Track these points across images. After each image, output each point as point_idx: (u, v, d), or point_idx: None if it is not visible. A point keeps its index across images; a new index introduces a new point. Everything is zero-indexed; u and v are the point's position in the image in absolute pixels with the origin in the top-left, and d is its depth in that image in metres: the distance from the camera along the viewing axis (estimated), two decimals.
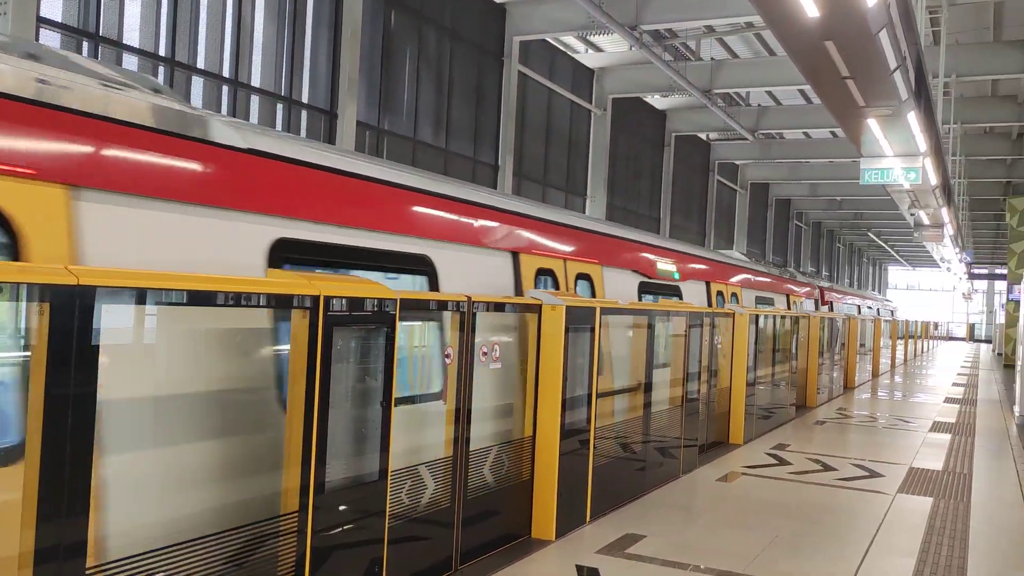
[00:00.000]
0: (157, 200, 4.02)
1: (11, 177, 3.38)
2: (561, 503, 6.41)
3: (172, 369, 3.84)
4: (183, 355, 3.89)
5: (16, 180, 3.40)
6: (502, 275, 6.90)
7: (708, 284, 13.19)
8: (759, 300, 15.96)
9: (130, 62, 10.78)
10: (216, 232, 4.29)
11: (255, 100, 12.69)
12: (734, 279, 14.54)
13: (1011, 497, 8.73)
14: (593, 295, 8.62)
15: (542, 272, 7.60)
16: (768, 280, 17.54)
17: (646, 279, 10.18)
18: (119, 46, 10.58)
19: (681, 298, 11.42)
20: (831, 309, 23.26)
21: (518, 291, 6.92)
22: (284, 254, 4.65)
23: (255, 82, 12.66)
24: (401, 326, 4.69)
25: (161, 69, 11.15)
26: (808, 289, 21.53)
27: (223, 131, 4.56)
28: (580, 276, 8.45)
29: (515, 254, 7.14)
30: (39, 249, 3.42)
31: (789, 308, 18.01)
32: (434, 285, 6.00)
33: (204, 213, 4.25)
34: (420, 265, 5.84)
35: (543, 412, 6.42)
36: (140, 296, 3.44)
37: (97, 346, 3.09)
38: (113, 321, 3.36)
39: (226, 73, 12.08)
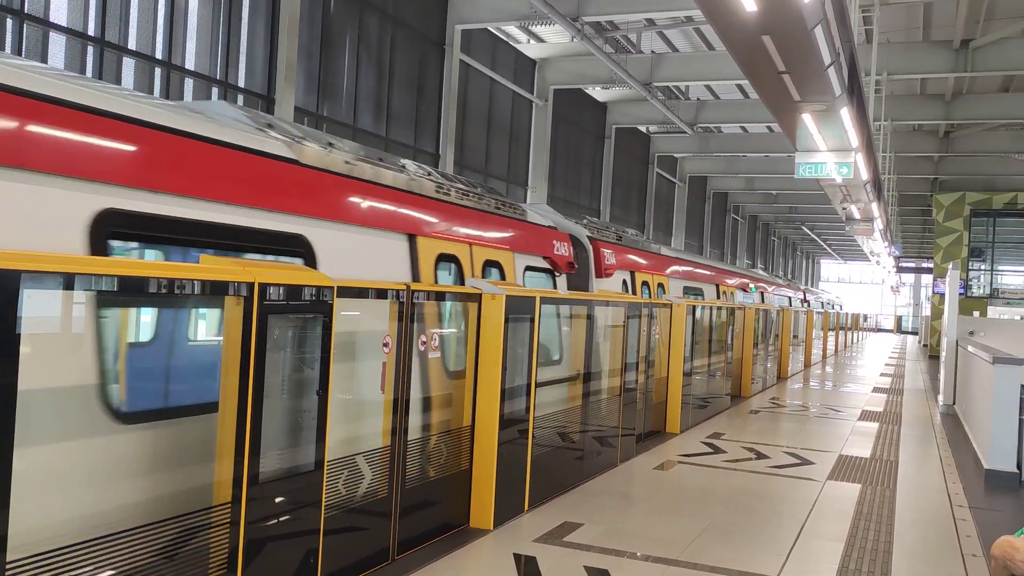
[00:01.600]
0: None
1: None
2: (499, 492, 6.41)
3: (99, 357, 3.72)
4: (108, 342, 3.78)
5: None
6: (396, 260, 6.19)
7: (632, 274, 12.70)
8: (689, 292, 15.43)
9: (57, 41, 10.41)
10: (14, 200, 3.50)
11: (189, 83, 12.38)
12: (665, 269, 14.52)
13: (934, 483, 9.03)
14: None
15: (444, 258, 6.85)
16: (704, 272, 17.61)
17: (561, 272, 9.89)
18: (45, 25, 10.21)
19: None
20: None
21: (415, 278, 6.30)
22: (113, 229, 3.89)
23: (189, 65, 12.35)
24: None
25: (90, 50, 10.79)
26: (740, 280, 21.40)
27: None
28: (488, 263, 7.59)
29: (412, 237, 6.39)
30: None
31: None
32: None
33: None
34: (293, 246, 5.06)
35: (482, 401, 6.41)
36: (68, 282, 3.32)
37: (19, 334, 2.98)
38: (37, 308, 3.25)
39: (159, 55, 11.75)
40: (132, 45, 11.38)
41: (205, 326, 4.30)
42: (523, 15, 17.16)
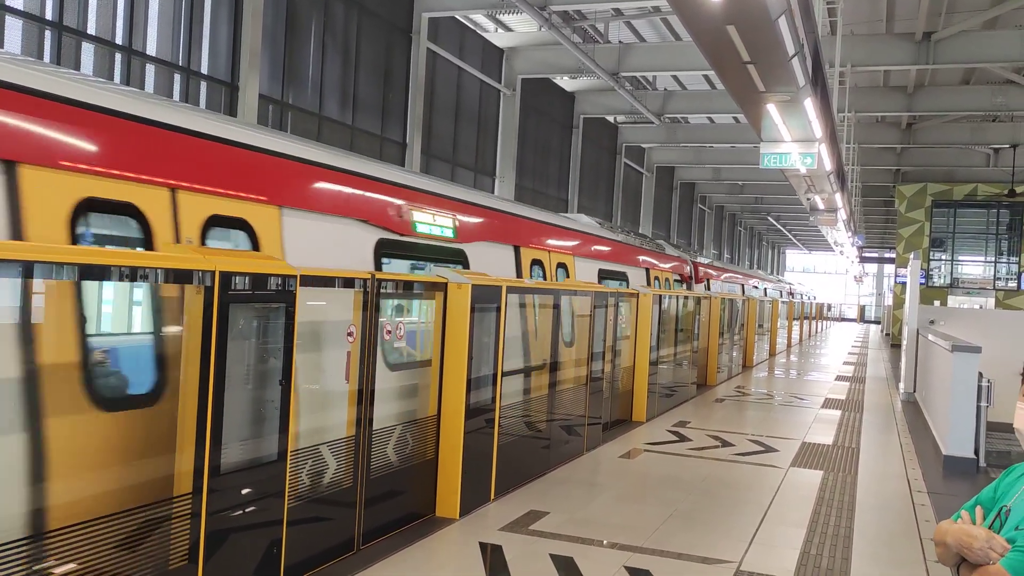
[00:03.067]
0: None
1: None
2: (466, 481, 6.41)
3: (57, 344, 3.65)
4: (68, 330, 3.71)
5: None
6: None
7: (517, 249, 9.11)
8: (605, 275, 12.09)
9: (13, 25, 10.17)
10: None
11: (151, 69, 12.17)
12: (563, 244, 10.90)
13: (895, 469, 9.18)
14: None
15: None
16: (621, 251, 13.71)
17: (393, 236, 6.47)
18: (0, 9, 9.97)
19: (466, 266, 7.66)
20: (708, 289, 19.76)
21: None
22: None
23: (151, 51, 12.13)
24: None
25: (48, 35, 10.56)
26: (676, 263, 17.85)
27: None
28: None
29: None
30: None
31: (650, 285, 14.43)
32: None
33: None
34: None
35: (448, 391, 6.40)
36: (27, 270, 3.26)
37: None
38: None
39: (119, 40, 11.53)
40: (91, 30, 11.15)
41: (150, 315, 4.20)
42: (490, 3, 17.07)
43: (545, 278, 9.52)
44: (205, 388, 3.91)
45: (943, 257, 33.58)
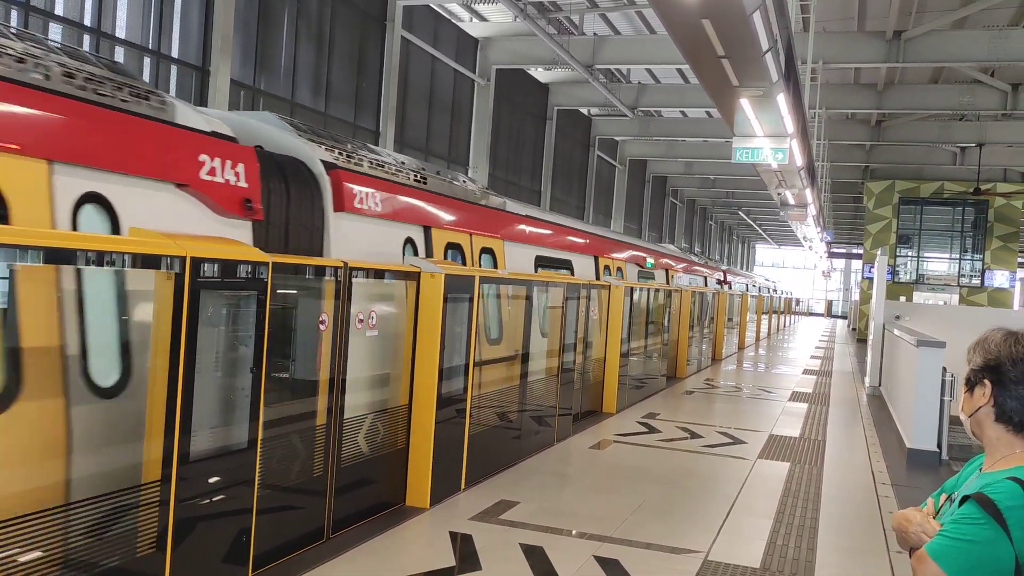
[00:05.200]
0: None
1: None
2: (436, 471, 6.41)
3: (25, 330, 3.59)
4: (38, 314, 3.65)
5: None
6: None
7: (596, 259, 11.99)
8: (543, 262, 10.93)
9: None
10: None
11: (120, 52, 11.98)
12: (620, 255, 13.81)
13: (860, 461, 9.32)
14: None
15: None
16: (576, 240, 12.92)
17: (542, 252, 8.98)
18: None
19: (572, 271, 10.50)
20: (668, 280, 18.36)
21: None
22: None
23: (120, 33, 11.94)
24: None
25: (14, 14, 10.36)
26: (633, 253, 16.43)
27: None
28: None
29: None
30: None
31: (599, 277, 13.00)
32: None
33: None
34: None
35: (420, 380, 6.39)
36: None
37: None
38: None
39: (87, 22, 11.34)
40: (59, 10, 10.95)
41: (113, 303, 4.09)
42: None
43: (466, 263, 9.25)
44: (175, 375, 3.87)
45: (909, 253, 34.06)
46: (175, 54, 12.86)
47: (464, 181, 9.18)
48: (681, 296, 16.20)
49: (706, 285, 23.92)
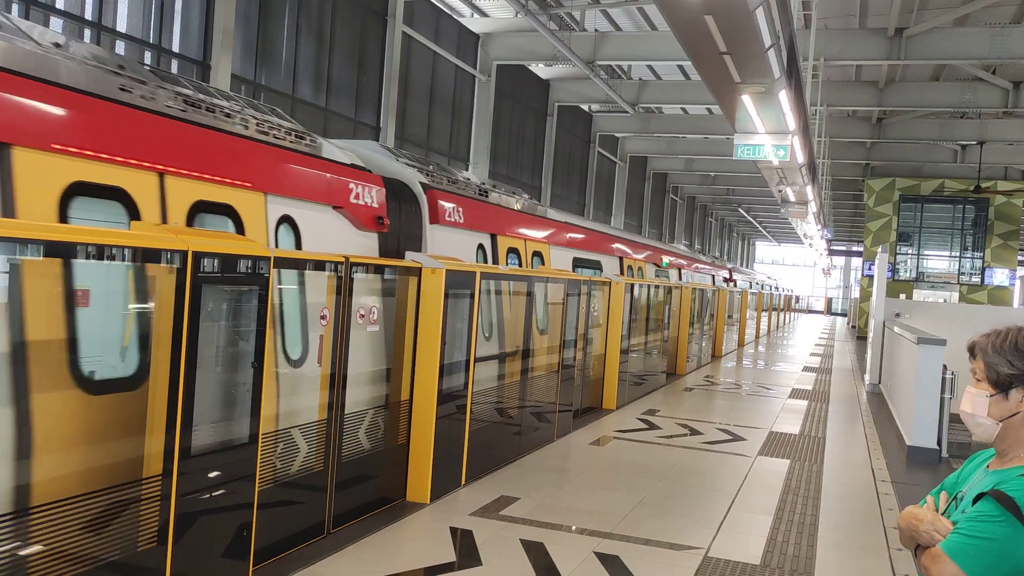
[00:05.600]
0: None
1: None
2: (437, 467, 6.41)
3: (28, 324, 3.58)
4: (37, 308, 3.64)
5: None
6: None
7: (621, 260, 12.91)
8: (579, 263, 12.42)
9: None
10: None
11: (121, 46, 11.96)
12: (640, 255, 14.31)
13: (859, 458, 9.32)
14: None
15: (89, 190, 4.24)
16: (605, 243, 14.65)
17: (579, 254, 10.31)
18: None
19: (600, 270, 11.24)
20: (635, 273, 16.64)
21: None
22: None
23: (121, 27, 11.92)
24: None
25: (15, 8, 10.34)
26: (650, 253, 17.75)
27: None
28: (203, 207, 4.95)
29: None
30: None
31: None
32: None
33: None
34: None
35: (420, 376, 6.39)
36: None
37: None
38: None
39: (88, 16, 11.31)
40: (60, 4, 10.93)
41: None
42: None
43: (521, 264, 10.37)
44: (176, 370, 3.87)
45: (909, 251, 34.05)
46: (176, 48, 12.84)
47: (514, 194, 10.82)
48: (681, 293, 16.19)
49: (714, 282, 25.75)
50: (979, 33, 18.04)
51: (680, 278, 20.17)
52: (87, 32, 11.32)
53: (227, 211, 5.07)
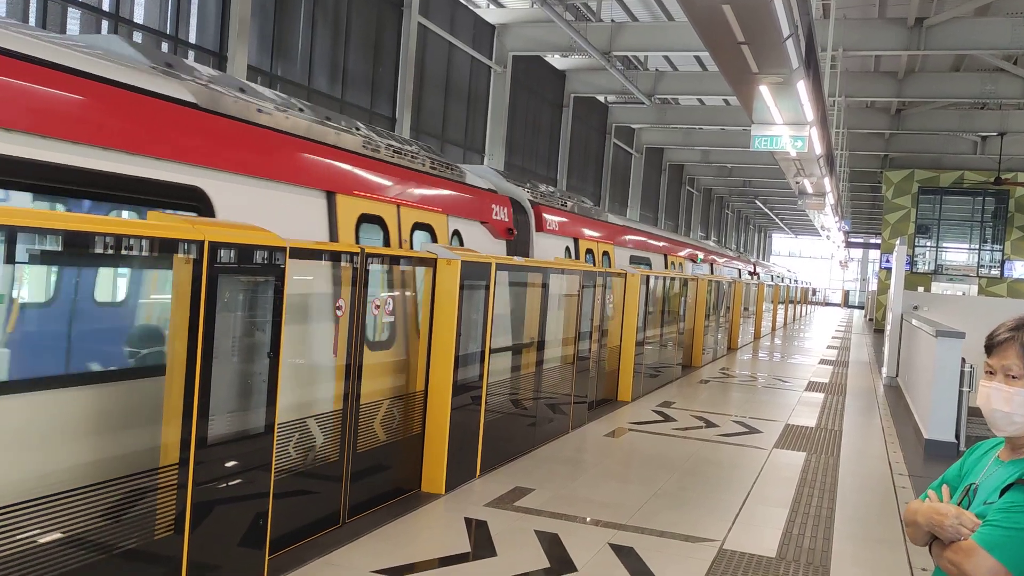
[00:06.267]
0: None
1: None
2: (452, 457, 6.42)
3: (48, 315, 3.61)
4: (59, 299, 3.67)
5: None
6: (312, 219, 5.76)
7: (665, 256, 13.87)
8: (634, 260, 14.25)
9: None
10: None
11: (138, 38, 12.01)
12: (610, 238, 13.83)
13: (876, 451, 9.27)
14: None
15: (367, 219, 6.36)
16: (652, 242, 17.08)
17: (634, 252, 12.28)
18: None
19: (650, 266, 12.75)
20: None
21: (334, 239, 5.86)
22: None
23: (138, 18, 11.96)
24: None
25: (32, 1, 10.40)
26: (689, 250, 20.24)
27: None
28: (417, 226, 7.11)
29: (331, 196, 5.91)
30: None
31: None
32: None
33: None
34: (186, 199, 4.62)
35: (436, 367, 6.39)
36: (10, 236, 3.21)
37: None
38: None
39: (106, 7, 11.36)
40: None
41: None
42: None
43: (594, 263, 12.43)
44: (193, 359, 3.88)
45: (928, 244, 33.77)
46: (192, 40, 12.88)
47: (583, 202, 13.17)
48: (697, 285, 16.13)
49: (740, 275, 28.28)
50: (1000, 23, 17.82)
51: (712, 271, 22.96)
52: (104, 23, 11.37)
53: (428, 228, 7.19)
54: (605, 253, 12.88)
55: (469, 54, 20.92)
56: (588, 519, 5.99)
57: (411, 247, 6.84)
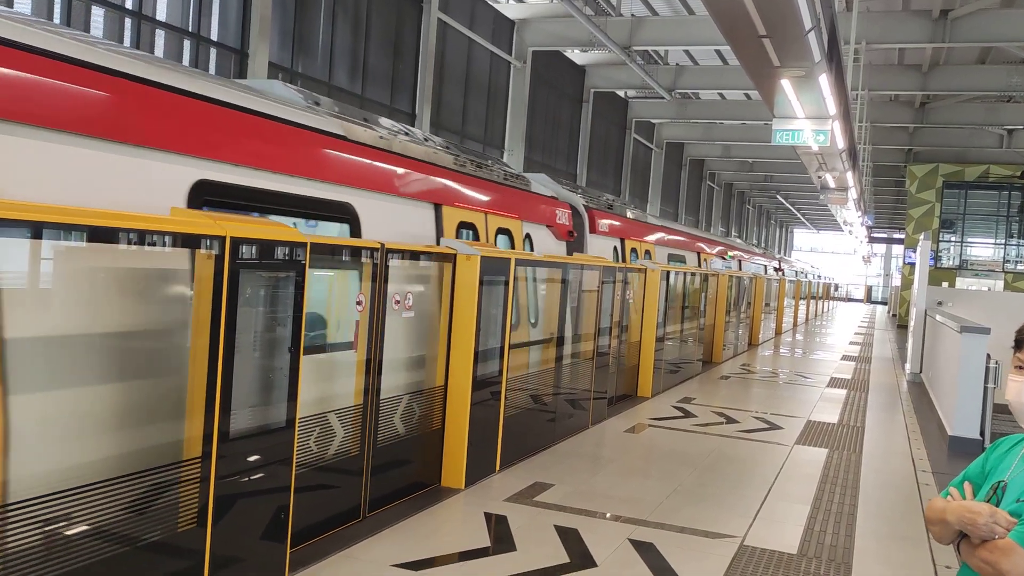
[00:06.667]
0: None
1: None
2: (471, 452, 6.43)
3: (71, 310, 3.65)
4: (81, 295, 3.70)
5: None
6: (425, 226, 6.92)
7: (622, 241, 13.12)
8: (672, 258, 16.03)
9: None
10: (128, 171, 4.13)
11: (160, 35, 12.10)
12: (650, 237, 14.57)
13: (899, 448, 9.19)
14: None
15: (464, 225, 7.56)
16: (686, 240, 17.78)
17: (673, 251, 13.76)
18: None
19: (684, 263, 13.19)
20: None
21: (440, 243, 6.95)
22: (205, 196, 4.52)
23: (160, 16, 12.06)
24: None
25: (57, 0, 10.51)
26: (720, 248, 21.54)
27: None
28: (500, 230, 8.42)
29: (438, 207, 7.11)
30: None
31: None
32: (356, 235, 5.86)
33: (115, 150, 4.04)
34: (342, 212, 5.74)
35: (455, 362, 6.40)
36: (35, 231, 3.25)
37: None
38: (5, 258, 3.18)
39: (129, 5, 11.46)
40: None
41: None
42: None
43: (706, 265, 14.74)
44: (215, 354, 3.91)
45: (952, 238, 33.42)
46: (214, 37, 12.97)
47: (626, 204, 14.53)
48: (718, 281, 16.06)
49: (766, 271, 29.14)
50: None
51: (740, 267, 24.08)
52: (127, 21, 11.46)
53: (507, 232, 8.43)
54: (647, 252, 14.00)
55: (489, 49, 20.91)
56: (608, 515, 5.99)
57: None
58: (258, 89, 5.68)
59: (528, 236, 8.90)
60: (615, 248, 12.31)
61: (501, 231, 8.24)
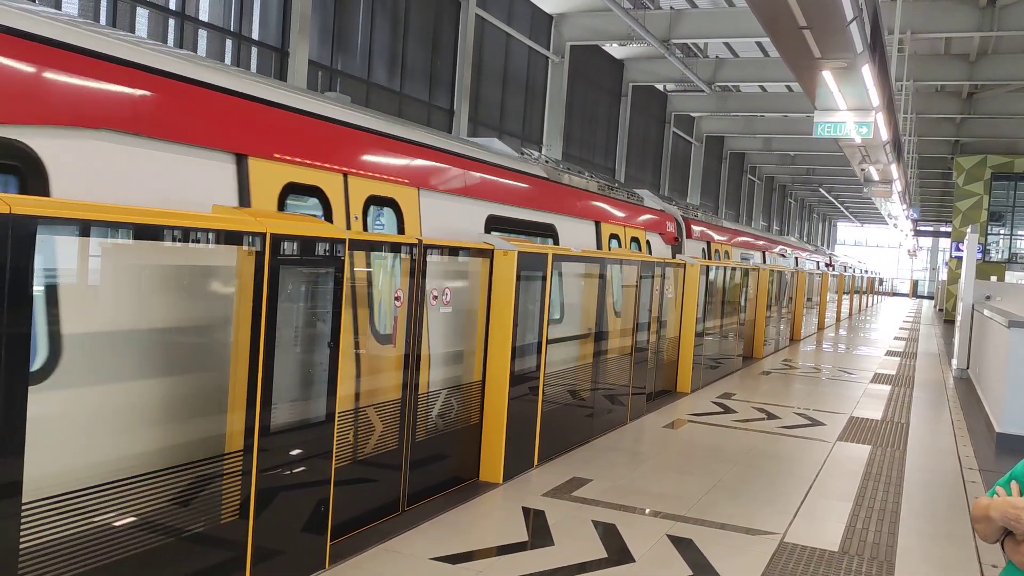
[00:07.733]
0: None
1: None
2: (509, 447, 6.46)
3: (117, 306, 3.73)
4: (128, 292, 3.79)
5: None
6: (592, 237, 9.29)
7: (708, 244, 14.69)
8: (743, 257, 18.08)
9: None
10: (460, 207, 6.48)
11: (203, 35, 12.29)
12: (728, 239, 14.63)
13: (945, 446, 9.03)
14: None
15: (612, 236, 9.92)
16: (755, 241, 18.75)
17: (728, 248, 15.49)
18: None
19: (729, 257, 14.16)
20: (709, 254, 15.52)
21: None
22: (493, 226, 6.98)
23: (203, 16, 12.25)
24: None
25: (103, 1, 10.71)
26: (781, 247, 23.22)
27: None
28: (632, 240, 10.80)
29: (597, 223, 9.40)
30: None
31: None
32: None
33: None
34: (548, 232, 8.16)
35: (493, 357, 6.43)
36: (83, 229, 3.34)
37: (32, 280, 2.99)
38: (52, 254, 3.26)
39: (172, 6, 11.65)
40: None
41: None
42: None
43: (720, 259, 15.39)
44: (256, 349, 3.98)
45: (1001, 231, 32.67)
46: (255, 36, 13.14)
47: (706, 210, 16.94)
48: (759, 275, 15.89)
49: (818, 267, 30.32)
50: None
51: (796, 264, 25.41)
52: (171, 21, 11.65)
53: (635, 240, 10.70)
54: (726, 252, 16.23)
55: (527, 45, 20.90)
56: (646, 510, 5.97)
57: None
58: (484, 145, 8.03)
59: (648, 242, 11.30)
60: (703, 250, 14.48)
61: (633, 240, 10.68)
